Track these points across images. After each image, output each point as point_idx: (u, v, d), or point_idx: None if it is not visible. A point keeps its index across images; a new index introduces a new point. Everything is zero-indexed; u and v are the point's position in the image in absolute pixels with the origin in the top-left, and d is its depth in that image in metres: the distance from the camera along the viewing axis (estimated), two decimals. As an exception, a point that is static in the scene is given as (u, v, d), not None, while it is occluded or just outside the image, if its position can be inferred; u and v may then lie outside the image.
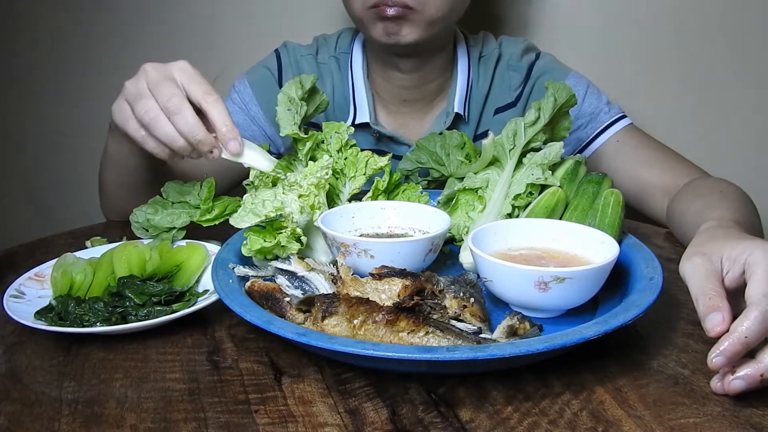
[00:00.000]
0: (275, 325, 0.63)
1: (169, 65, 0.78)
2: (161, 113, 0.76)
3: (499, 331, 0.65)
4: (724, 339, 0.57)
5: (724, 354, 0.57)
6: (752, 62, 1.37)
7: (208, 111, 0.77)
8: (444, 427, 0.57)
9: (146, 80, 0.77)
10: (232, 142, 0.77)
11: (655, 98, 1.42)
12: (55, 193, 1.79)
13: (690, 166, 1.07)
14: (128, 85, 0.79)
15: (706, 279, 0.61)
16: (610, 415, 0.58)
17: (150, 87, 0.77)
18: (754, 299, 0.58)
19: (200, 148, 0.77)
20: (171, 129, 0.76)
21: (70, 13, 1.59)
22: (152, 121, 0.76)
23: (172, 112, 0.75)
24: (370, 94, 1.15)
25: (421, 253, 0.78)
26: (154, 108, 0.76)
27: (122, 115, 0.80)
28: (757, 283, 0.59)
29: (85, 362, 0.69)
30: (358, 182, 0.95)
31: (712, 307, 0.59)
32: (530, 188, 0.88)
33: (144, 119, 0.76)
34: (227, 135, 0.77)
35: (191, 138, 0.76)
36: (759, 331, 0.56)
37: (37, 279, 0.83)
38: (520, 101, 1.16)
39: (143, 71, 0.78)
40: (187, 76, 0.78)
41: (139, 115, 0.77)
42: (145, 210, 0.91)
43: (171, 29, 1.55)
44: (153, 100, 0.76)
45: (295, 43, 1.20)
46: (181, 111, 0.75)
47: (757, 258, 0.60)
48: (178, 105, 0.75)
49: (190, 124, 0.75)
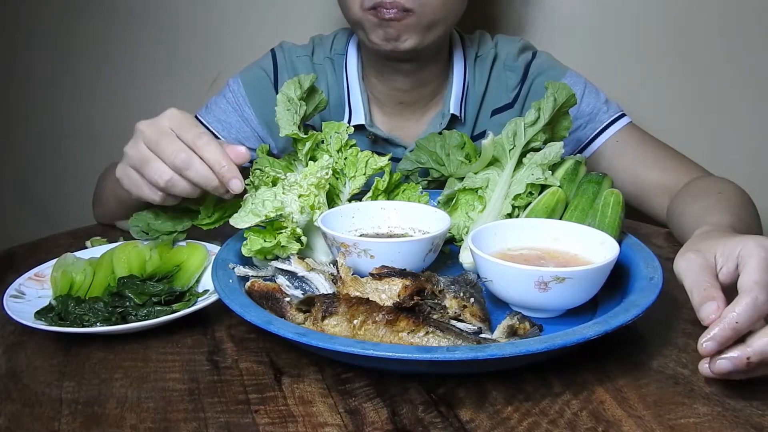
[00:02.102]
0: (275, 325, 0.64)
1: (159, 118, 0.79)
2: (174, 173, 0.77)
3: (499, 331, 0.65)
4: (714, 324, 0.57)
5: (714, 339, 0.57)
6: (752, 60, 1.37)
7: (202, 156, 0.77)
8: (444, 427, 0.57)
9: (144, 141, 0.78)
10: (234, 181, 0.77)
11: (653, 97, 1.42)
12: (55, 193, 1.80)
13: (690, 165, 1.07)
14: (129, 151, 0.79)
15: (700, 273, 0.62)
16: (610, 415, 0.58)
17: (151, 148, 0.77)
18: (745, 287, 0.58)
19: (218, 192, 0.79)
20: (187, 185, 0.77)
21: (70, 13, 1.59)
22: (168, 183, 0.77)
23: (182, 169, 0.76)
24: (365, 95, 1.14)
25: (421, 253, 0.78)
26: (166, 171, 0.77)
27: (132, 183, 0.80)
28: (750, 271, 0.59)
29: (85, 362, 0.69)
30: (358, 182, 0.95)
31: (706, 297, 0.59)
32: (530, 188, 0.88)
33: (159, 184, 0.77)
34: (227, 175, 0.77)
35: (207, 186, 0.77)
36: (750, 317, 0.57)
37: (37, 279, 0.83)
38: (517, 102, 1.16)
39: (139, 132, 0.79)
40: (177, 123, 0.78)
41: (153, 180, 0.78)
42: (146, 215, 0.91)
43: (171, 29, 1.55)
44: (160, 162, 0.77)
45: (290, 43, 1.19)
46: (191, 165, 0.76)
47: (750, 249, 0.61)
48: (187, 160, 0.76)
49: (202, 175, 0.76)
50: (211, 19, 1.53)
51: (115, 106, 1.63)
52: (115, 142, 1.48)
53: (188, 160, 0.76)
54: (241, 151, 0.79)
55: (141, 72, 1.59)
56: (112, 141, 1.53)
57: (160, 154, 0.77)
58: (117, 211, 1.04)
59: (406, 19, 0.99)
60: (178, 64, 1.55)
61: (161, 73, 1.58)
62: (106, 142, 1.64)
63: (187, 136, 0.77)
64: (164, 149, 0.76)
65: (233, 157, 0.78)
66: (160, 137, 0.77)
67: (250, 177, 0.88)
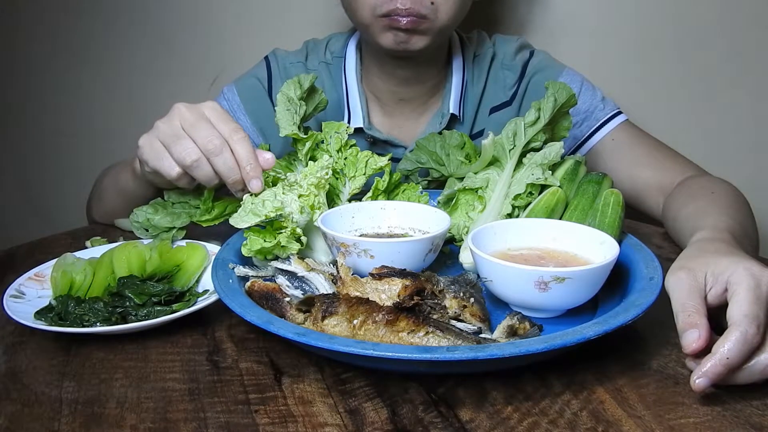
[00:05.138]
0: (275, 325, 0.64)
1: (200, 105, 0.83)
2: (202, 155, 0.80)
3: (499, 331, 0.65)
4: (706, 360, 0.57)
5: (706, 375, 0.57)
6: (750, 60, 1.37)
7: (234, 149, 0.81)
8: (444, 427, 0.57)
9: (180, 120, 0.81)
10: (255, 181, 0.81)
11: (652, 96, 1.42)
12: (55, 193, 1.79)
13: (685, 164, 1.07)
14: (161, 125, 0.82)
15: (688, 295, 0.62)
16: (610, 415, 0.58)
17: (186, 127, 0.81)
18: (735, 320, 0.58)
19: (234, 187, 0.82)
20: (210, 170, 0.81)
21: (70, 13, 1.59)
22: (194, 163, 0.80)
23: (213, 154, 0.80)
24: (363, 98, 1.14)
25: (421, 253, 0.78)
26: (195, 151, 0.80)
27: (154, 153, 0.83)
28: (739, 303, 0.59)
29: (85, 362, 0.69)
30: (358, 182, 0.95)
31: (690, 324, 0.60)
32: (530, 188, 0.88)
33: (185, 161, 0.80)
34: (251, 174, 0.81)
35: (228, 178, 0.81)
36: (740, 351, 0.57)
37: (37, 279, 0.83)
38: (515, 100, 1.16)
39: (177, 111, 0.82)
40: (217, 115, 0.82)
41: (179, 156, 0.80)
42: (146, 210, 0.91)
43: (171, 30, 1.55)
44: (192, 142, 0.80)
45: (283, 50, 1.19)
46: (221, 153, 0.80)
47: (738, 277, 0.61)
48: (219, 147, 0.80)
49: (228, 166, 0.80)
50: (211, 19, 1.52)
51: (115, 106, 1.63)
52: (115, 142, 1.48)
53: (220, 148, 0.80)
54: (267, 158, 0.83)
55: (141, 72, 1.59)
56: (112, 141, 1.54)
57: (194, 135, 0.80)
58: (117, 205, 1.05)
59: (421, 26, 0.99)
60: (178, 64, 1.55)
61: (161, 73, 1.58)
62: (106, 142, 1.64)
63: (224, 128, 0.81)
64: (199, 131, 0.80)
65: (261, 161, 0.82)
66: (198, 120, 0.81)
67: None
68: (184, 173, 0.82)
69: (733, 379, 0.58)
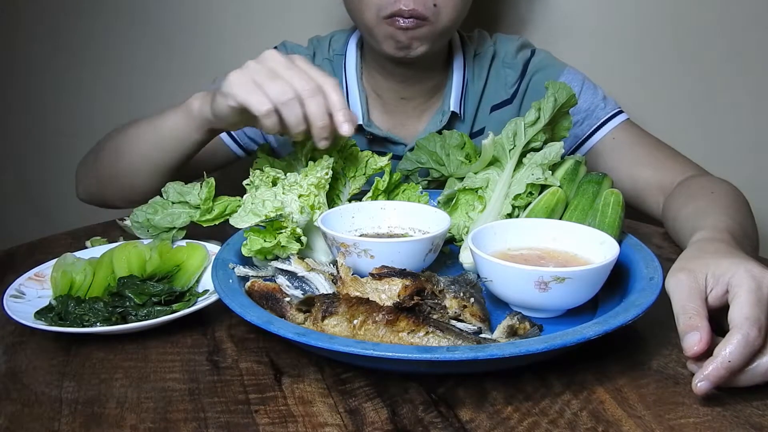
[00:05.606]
0: (275, 325, 0.63)
1: (290, 55, 0.84)
2: (296, 97, 0.81)
3: (499, 331, 0.65)
4: (708, 363, 0.57)
5: (708, 379, 0.57)
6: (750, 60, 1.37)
7: (328, 95, 0.82)
8: (444, 427, 0.57)
9: (274, 63, 0.83)
10: (346, 125, 0.83)
11: (652, 96, 1.42)
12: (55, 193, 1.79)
13: (685, 163, 1.07)
14: (254, 65, 0.83)
15: (688, 297, 0.61)
16: (610, 415, 0.58)
17: (280, 70, 0.82)
18: (736, 322, 0.58)
19: (321, 134, 0.83)
20: (300, 112, 0.82)
21: (70, 13, 1.59)
22: (288, 102, 0.81)
23: (306, 97, 0.81)
24: (363, 96, 1.15)
25: (421, 253, 0.78)
26: (291, 91, 0.81)
27: (245, 87, 0.82)
28: (740, 305, 0.59)
29: (85, 362, 0.69)
30: (358, 182, 0.95)
31: (691, 326, 0.59)
32: (530, 188, 0.88)
33: (280, 99, 0.81)
34: (343, 118, 0.82)
35: (317, 123, 0.82)
36: (742, 354, 0.56)
37: (37, 279, 0.83)
38: (515, 98, 1.16)
39: (270, 54, 0.84)
40: (308, 64, 0.84)
41: (274, 94, 0.81)
42: (145, 210, 0.91)
43: (171, 30, 1.55)
44: (288, 84, 0.81)
45: (293, 43, 1.20)
46: (316, 97, 0.81)
47: (739, 279, 0.60)
48: (314, 91, 0.81)
49: (321, 111, 0.82)
50: (211, 19, 1.52)
51: (115, 105, 1.63)
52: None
53: (316, 91, 0.81)
54: (355, 116, 0.86)
55: (141, 72, 1.59)
56: (112, 141, 1.53)
57: (290, 78, 0.82)
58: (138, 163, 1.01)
59: (421, 28, 0.99)
60: (178, 64, 1.55)
61: (161, 73, 1.58)
62: (106, 142, 1.64)
63: (316, 74, 0.83)
64: (295, 75, 0.82)
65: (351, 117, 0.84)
66: (293, 66, 0.83)
67: (250, 177, 0.88)
68: (273, 111, 0.82)
69: (734, 381, 0.58)
